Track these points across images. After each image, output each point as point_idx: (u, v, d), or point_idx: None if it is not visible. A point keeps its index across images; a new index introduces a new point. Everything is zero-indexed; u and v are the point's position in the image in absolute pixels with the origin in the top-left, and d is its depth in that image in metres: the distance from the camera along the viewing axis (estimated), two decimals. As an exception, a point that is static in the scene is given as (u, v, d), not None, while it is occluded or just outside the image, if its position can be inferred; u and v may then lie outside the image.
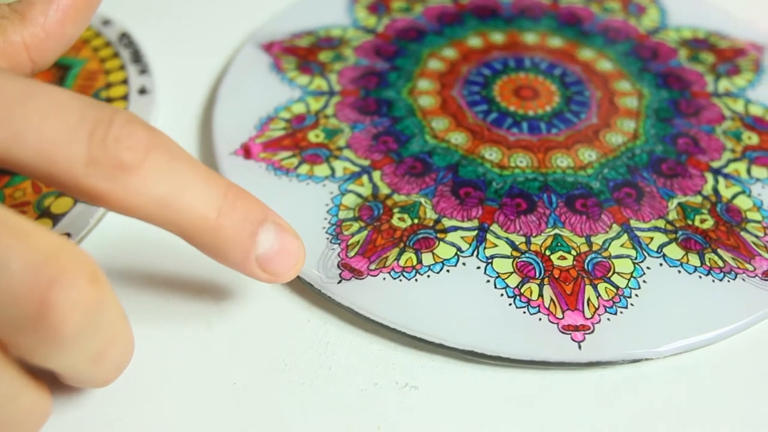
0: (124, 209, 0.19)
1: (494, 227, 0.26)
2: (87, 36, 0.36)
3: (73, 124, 0.18)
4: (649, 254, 0.25)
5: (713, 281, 0.25)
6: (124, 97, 0.32)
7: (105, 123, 0.18)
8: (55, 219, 0.27)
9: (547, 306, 0.24)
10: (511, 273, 0.24)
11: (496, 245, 0.25)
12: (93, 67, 0.34)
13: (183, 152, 0.20)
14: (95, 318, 0.17)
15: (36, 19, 0.22)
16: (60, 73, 0.34)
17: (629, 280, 0.24)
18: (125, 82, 0.33)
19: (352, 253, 0.25)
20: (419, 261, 0.25)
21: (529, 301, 0.24)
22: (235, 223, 0.20)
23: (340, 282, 0.24)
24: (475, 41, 0.35)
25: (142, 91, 0.32)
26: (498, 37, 0.35)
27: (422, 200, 0.27)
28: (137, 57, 0.34)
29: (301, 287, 0.25)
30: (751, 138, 0.30)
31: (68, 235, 0.26)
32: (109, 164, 0.18)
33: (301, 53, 0.34)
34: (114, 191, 0.18)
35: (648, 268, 0.25)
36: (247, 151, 0.29)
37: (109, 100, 0.32)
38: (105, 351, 0.18)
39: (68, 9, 0.23)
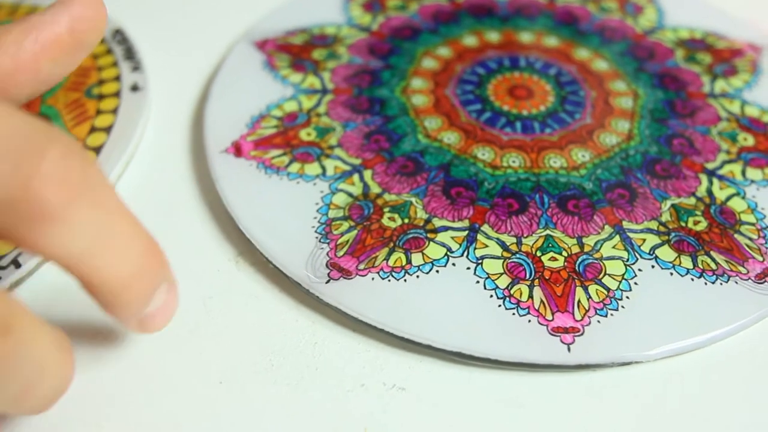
0: (33, 252, 0.17)
1: (485, 228, 0.26)
2: (80, 32, 0.36)
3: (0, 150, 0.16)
4: (641, 256, 0.25)
5: (705, 284, 0.24)
6: (117, 94, 0.32)
7: (36, 156, 0.16)
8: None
9: (536, 308, 0.23)
10: (501, 274, 0.24)
11: (486, 246, 0.25)
12: (86, 63, 0.34)
13: (111, 198, 0.18)
14: (6, 370, 0.16)
15: (7, 47, 0.20)
16: (52, 69, 0.33)
17: (620, 282, 0.24)
18: (118, 78, 0.33)
19: (341, 253, 0.25)
20: (408, 261, 0.25)
21: (518, 302, 0.23)
22: (139, 289, 0.19)
23: (328, 282, 0.24)
24: (470, 40, 0.34)
25: (135, 87, 0.32)
26: (493, 36, 0.35)
27: (413, 200, 0.27)
28: (130, 54, 0.34)
29: (290, 286, 0.25)
30: (747, 139, 0.30)
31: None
32: (29, 209, 0.16)
33: (295, 51, 0.33)
34: (28, 238, 0.16)
35: (640, 270, 0.25)
36: (237, 149, 0.29)
37: (101, 96, 0.32)
38: (27, 391, 0.17)
39: (48, 44, 0.20)
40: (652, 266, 0.25)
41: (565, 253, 0.25)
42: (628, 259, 0.25)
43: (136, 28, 0.36)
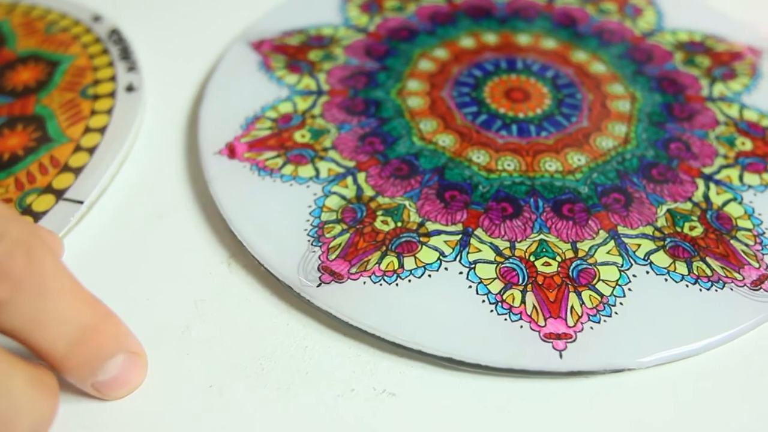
0: None
1: (478, 232, 0.26)
2: (78, 32, 0.35)
3: None
4: (635, 262, 0.25)
5: (700, 290, 0.24)
6: (111, 94, 0.32)
7: None
8: (36, 217, 0.27)
9: (529, 313, 0.23)
10: (494, 279, 0.24)
11: (479, 250, 0.25)
12: (82, 63, 0.34)
13: (52, 284, 0.20)
14: None
15: None
16: (48, 69, 0.33)
17: (614, 287, 0.24)
18: (113, 79, 0.33)
19: (333, 256, 0.25)
20: (401, 265, 0.24)
21: (511, 307, 0.23)
22: (78, 361, 0.20)
23: (319, 285, 0.24)
24: (467, 42, 0.34)
25: (130, 88, 0.32)
26: (491, 38, 0.35)
27: (406, 203, 0.27)
28: (126, 54, 0.34)
29: (281, 290, 0.25)
30: (745, 144, 0.30)
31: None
32: None
33: (291, 52, 0.33)
34: None
35: (634, 275, 0.24)
36: (231, 151, 0.28)
37: (96, 96, 0.32)
38: (4, 428, 0.19)
39: None
40: (647, 272, 0.25)
41: (558, 258, 0.25)
42: (622, 265, 0.25)
43: (133, 28, 0.35)
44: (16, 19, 0.37)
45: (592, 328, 0.23)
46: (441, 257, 0.25)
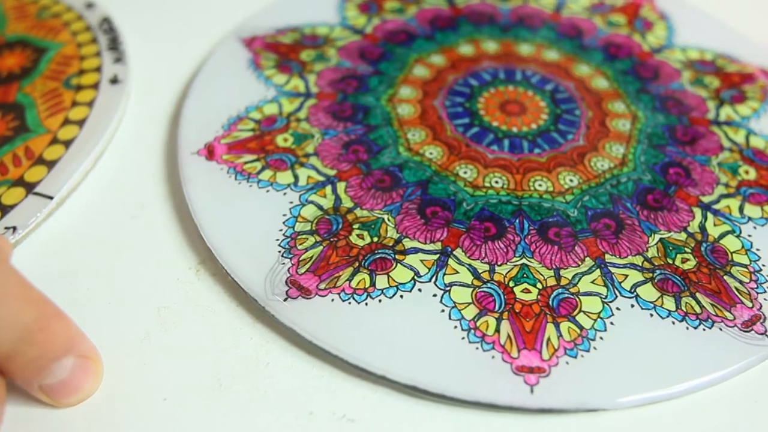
0: None
1: (458, 252, 0.24)
2: (69, 18, 0.35)
3: None
4: (620, 293, 0.24)
5: (687, 328, 0.23)
6: (95, 86, 0.31)
7: None
8: (4, 210, 0.26)
9: (502, 343, 0.22)
10: (469, 304, 0.23)
11: (457, 272, 0.24)
12: (69, 52, 0.33)
13: (4, 274, 0.19)
14: None
15: None
16: (35, 55, 0.33)
17: (596, 320, 0.23)
18: (98, 69, 0.32)
19: (302, 270, 0.24)
20: (372, 283, 0.23)
21: (483, 335, 0.22)
22: (25, 361, 0.20)
23: (285, 299, 0.23)
24: (466, 49, 0.33)
25: (114, 80, 0.31)
26: (491, 46, 0.33)
27: (385, 217, 0.25)
28: (115, 44, 0.33)
29: (247, 301, 0.24)
30: (749, 172, 0.28)
31: (14, 228, 0.25)
32: None
33: (283, 50, 0.32)
34: None
35: (618, 308, 0.23)
36: (210, 152, 0.27)
37: (79, 87, 0.31)
38: None
39: None
40: (632, 305, 0.23)
41: (539, 285, 0.24)
42: (606, 296, 0.23)
43: (125, 18, 0.35)
44: (8, 1, 0.36)
45: (567, 362, 0.22)
46: (416, 277, 0.24)
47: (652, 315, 0.23)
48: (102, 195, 0.27)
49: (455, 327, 0.22)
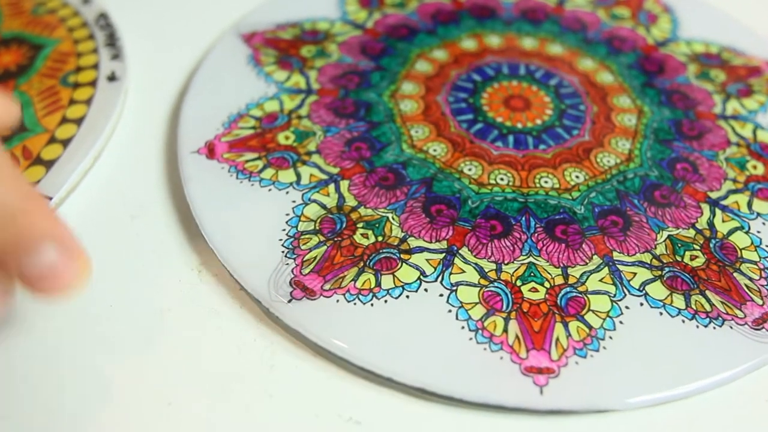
0: None
1: (464, 251, 0.24)
2: (65, 14, 0.34)
3: None
4: (629, 292, 0.23)
5: (697, 327, 0.22)
6: (93, 83, 0.30)
7: None
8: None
9: (510, 343, 0.22)
10: (476, 303, 0.23)
11: (463, 271, 0.23)
12: (65, 48, 0.32)
13: None
14: None
15: None
16: (31, 52, 0.32)
17: (605, 319, 0.22)
18: (96, 66, 0.31)
19: (307, 270, 0.23)
20: (378, 284, 0.23)
21: (491, 336, 0.22)
22: (6, 237, 0.19)
23: (290, 301, 0.22)
24: (468, 43, 0.33)
25: (112, 77, 0.31)
26: (494, 40, 0.33)
27: (390, 216, 0.25)
28: (112, 40, 0.32)
29: (251, 302, 0.23)
30: (757, 167, 0.28)
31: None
32: None
33: (283, 46, 0.32)
34: None
35: (627, 307, 0.23)
36: (210, 150, 0.27)
37: (77, 85, 0.30)
38: None
39: None
40: (641, 304, 0.23)
41: (547, 284, 0.23)
42: (615, 295, 0.23)
43: (122, 13, 0.34)
44: (3, -2, 0.35)
45: (577, 363, 0.21)
46: (421, 277, 0.23)
47: (661, 313, 0.23)
48: (101, 195, 0.27)
49: (462, 327, 0.22)
